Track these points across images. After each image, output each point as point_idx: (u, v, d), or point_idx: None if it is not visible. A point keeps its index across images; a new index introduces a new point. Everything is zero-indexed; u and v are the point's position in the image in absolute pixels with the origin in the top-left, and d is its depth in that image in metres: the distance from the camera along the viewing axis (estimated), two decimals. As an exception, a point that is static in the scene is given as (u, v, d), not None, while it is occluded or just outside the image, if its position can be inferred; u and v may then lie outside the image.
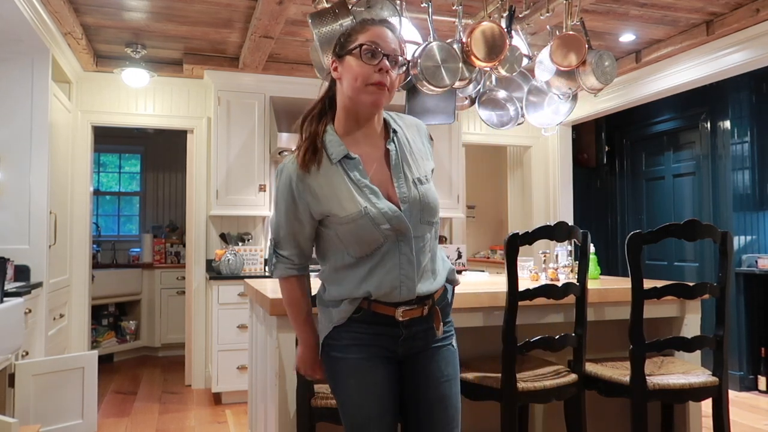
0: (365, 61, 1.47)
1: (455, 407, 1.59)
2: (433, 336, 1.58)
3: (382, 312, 1.53)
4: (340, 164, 1.52)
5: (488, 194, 6.42)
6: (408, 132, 1.62)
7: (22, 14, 3.13)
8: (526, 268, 3.01)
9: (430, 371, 1.58)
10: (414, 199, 1.52)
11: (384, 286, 1.50)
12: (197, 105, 4.90)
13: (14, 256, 3.47)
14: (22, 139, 3.61)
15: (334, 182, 1.51)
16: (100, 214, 6.87)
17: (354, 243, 1.51)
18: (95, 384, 3.24)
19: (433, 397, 1.57)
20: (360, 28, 1.53)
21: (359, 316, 1.54)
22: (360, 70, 1.47)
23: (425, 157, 1.62)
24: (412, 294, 1.51)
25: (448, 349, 1.62)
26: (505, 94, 3.36)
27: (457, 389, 1.62)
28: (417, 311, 1.54)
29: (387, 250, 1.50)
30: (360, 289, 1.51)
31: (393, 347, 1.56)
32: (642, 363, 2.16)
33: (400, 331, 1.55)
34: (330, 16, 2.56)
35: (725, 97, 4.93)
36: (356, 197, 1.49)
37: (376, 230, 1.48)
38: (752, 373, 4.71)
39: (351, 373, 1.55)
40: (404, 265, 1.50)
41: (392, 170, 1.54)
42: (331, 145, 1.53)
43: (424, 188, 1.55)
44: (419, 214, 1.52)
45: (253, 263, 4.65)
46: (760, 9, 3.47)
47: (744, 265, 4.76)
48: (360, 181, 1.51)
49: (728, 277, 2.30)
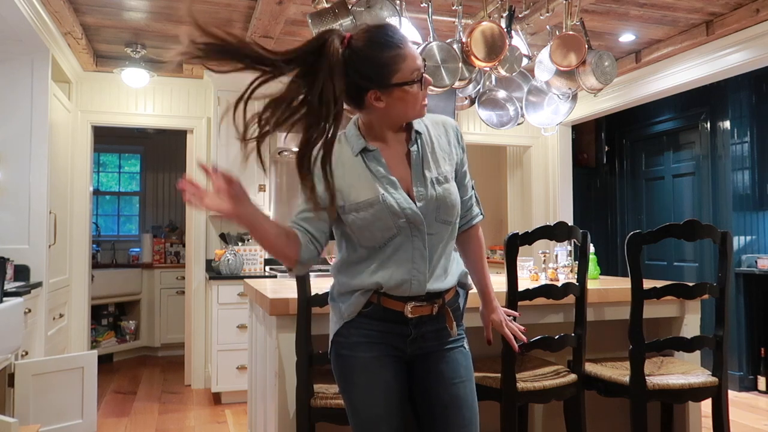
0: (417, 81, 1.48)
1: (471, 409, 1.56)
2: (447, 336, 1.57)
3: (391, 307, 1.52)
4: (360, 156, 1.54)
5: (488, 194, 6.42)
6: (433, 130, 1.62)
7: (22, 14, 3.13)
8: (525, 268, 3.02)
9: (442, 372, 1.56)
10: (431, 198, 1.52)
11: (395, 277, 1.50)
12: (197, 105, 4.90)
13: (14, 256, 3.47)
14: (22, 138, 3.61)
15: (354, 172, 1.52)
16: (100, 214, 6.87)
17: (366, 232, 1.50)
18: (95, 384, 3.23)
19: (446, 399, 1.55)
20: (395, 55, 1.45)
21: (369, 311, 1.53)
22: (416, 95, 1.49)
23: (449, 156, 1.62)
24: (422, 289, 1.51)
25: (461, 351, 1.61)
26: (504, 94, 3.37)
27: (472, 391, 1.59)
28: (426, 309, 1.53)
29: (400, 243, 1.50)
30: (371, 278, 1.51)
31: (402, 346, 1.56)
32: (642, 363, 2.16)
33: (409, 330, 1.54)
34: (330, 16, 2.56)
35: (725, 97, 4.93)
36: (374, 185, 1.51)
37: (390, 219, 1.48)
38: (752, 373, 4.72)
39: (359, 372, 1.54)
40: (416, 259, 1.51)
41: (412, 170, 1.55)
42: (351, 138, 1.56)
43: (442, 188, 1.54)
44: (435, 212, 1.52)
45: (252, 263, 4.65)
46: (760, 9, 3.47)
47: (744, 265, 4.76)
48: (379, 171, 1.52)
49: (728, 277, 2.30)
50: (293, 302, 2.03)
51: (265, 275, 4.46)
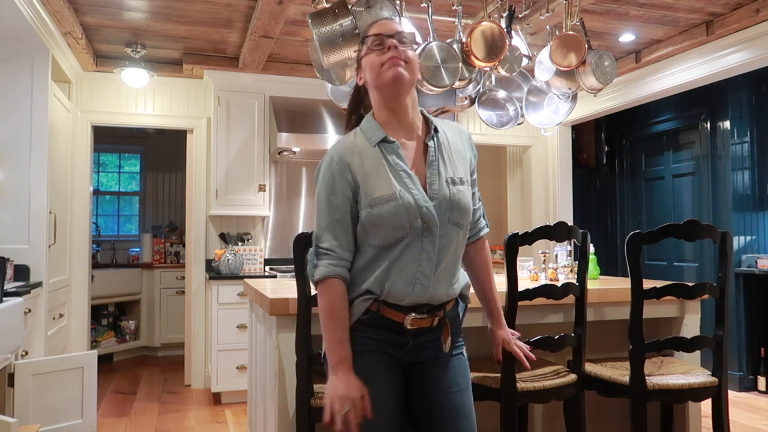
0: (375, 49, 1.53)
1: (469, 419, 1.54)
2: (441, 349, 1.56)
3: (390, 317, 1.50)
4: (378, 147, 1.53)
5: (488, 194, 6.41)
6: (449, 133, 1.62)
7: (22, 14, 3.13)
8: (525, 268, 3.02)
9: (439, 380, 1.54)
10: (444, 197, 1.50)
11: (399, 281, 1.47)
12: (197, 105, 4.90)
13: (14, 256, 3.48)
14: (21, 139, 3.61)
15: (372, 164, 1.51)
16: (100, 214, 6.87)
17: (381, 230, 1.47)
18: (95, 384, 3.23)
19: (444, 407, 1.53)
20: (365, 33, 1.60)
21: (367, 318, 1.51)
22: (375, 59, 1.53)
23: (463, 160, 1.61)
24: (425, 294, 1.49)
25: (459, 359, 1.59)
26: (504, 94, 3.36)
27: (469, 400, 1.57)
28: (426, 321, 1.52)
29: (408, 243, 1.47)
30: (374, 282, 1.49)
31: (398, 354, 1.54)
32: (641, 363, 2.16)
33: (407, 340, 1.53)
34: (330, 16, 2.55)
35: (725, 97, 4.93)
36: (391, 180, 1.49)
37: (405, 217, 1.46)
38: (752, 374, 4.72)
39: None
40: (423, 262, 1.48)
41: (427, 166, 1.53)
42: (369, 129, 1.56)
43: (456, 188, 1.53)
44: (447, 212, 1.50)
45: (252, 263, 4.66)
46: (760, 9, 3.47)
47: (744, 265, 4.76)
48: (397, 164, 1.51)
49: (728, 277, 2.30)
50: (293, 302, 2.03)
51: (265, 275, 4.46)
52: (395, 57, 1.51)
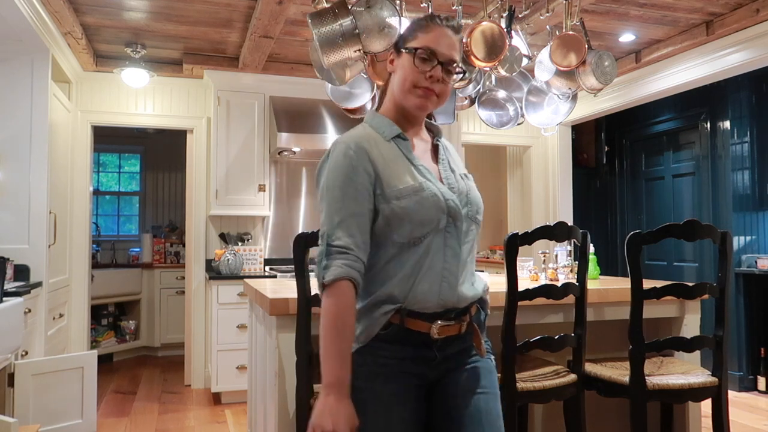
0: (417, 65, 1.42)
1: (495, 425, 1.41)
2: (468, 355, 1.45)
3: (416, 329, 1.37)
4: (394, 142, 1.45)
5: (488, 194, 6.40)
6: (447, 143, 1.61)
7: (22, 14, 3.13)
8: (525, 268, 3.02)
9: (460, 381, 1.43)
10: (461, 191, 1.46)
11: (425, 281, 1.36)
12: (197, 105, 4.90)
13: (14, 256, 3.47)
14: (21, 139, 3.61)
15: (391, 156, 1.42)
16: (100, 214, 6.87)
17: (407, 224, 1.36)
18: (95, 384, 3.23)
19: (463, 410, 1.39)
20: (424, 26, 1.48)
21: (387, 334, 1.37)
22: (411, 72, 1.43)
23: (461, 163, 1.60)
24: (453, 293, 1.38)
25: (485, 360, 1.48)
26: (504, 94, 3.36)
27: (496, 405, 1.44)
28: (454, 328, 1.40)
29: (433, 239, 1.38)
30: (397, 286, 1.36)
31: (424, 372, 1.40)
32: (641, 363, 2.16)
33: (434, 354, 1.39)
34: (330, 16, 2.55)
35: (725, 97, 4.93)
36: (414, 172, 1.41)
37: (433, 210, 1.37)
38: (752, 374, 4.72)
39: (374, 408, 1.36)
40: (449, 259, 1.39)
41: (439, 163, 1.50)
42: (381, 124, 1.47)
43: (469, 183, 1.51)
44: (466, 206, 1.45)
45: (252, 263, 4.65)
46: (760, 9, 3.47)
47: (743, 266, 4.76)
48: (415, 159, 1.45)
49: (728, 277, 2.30)
50: (293, 302, 2.03)
51: (265, 275, 4.46)
52: (432, 91, 1.43)
